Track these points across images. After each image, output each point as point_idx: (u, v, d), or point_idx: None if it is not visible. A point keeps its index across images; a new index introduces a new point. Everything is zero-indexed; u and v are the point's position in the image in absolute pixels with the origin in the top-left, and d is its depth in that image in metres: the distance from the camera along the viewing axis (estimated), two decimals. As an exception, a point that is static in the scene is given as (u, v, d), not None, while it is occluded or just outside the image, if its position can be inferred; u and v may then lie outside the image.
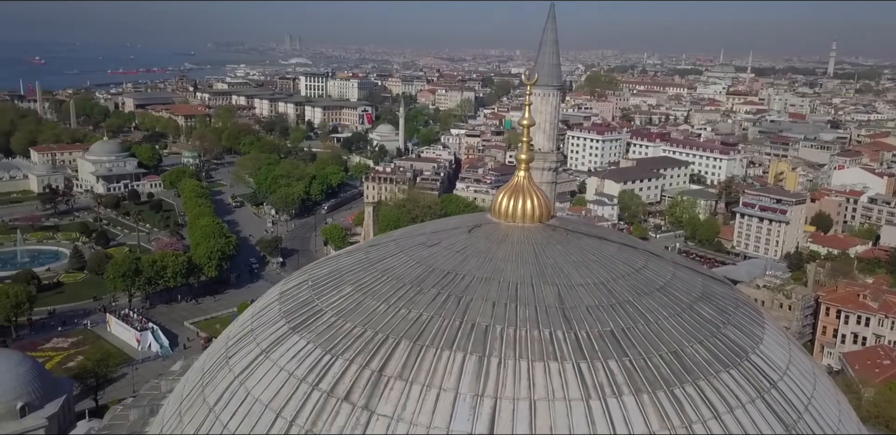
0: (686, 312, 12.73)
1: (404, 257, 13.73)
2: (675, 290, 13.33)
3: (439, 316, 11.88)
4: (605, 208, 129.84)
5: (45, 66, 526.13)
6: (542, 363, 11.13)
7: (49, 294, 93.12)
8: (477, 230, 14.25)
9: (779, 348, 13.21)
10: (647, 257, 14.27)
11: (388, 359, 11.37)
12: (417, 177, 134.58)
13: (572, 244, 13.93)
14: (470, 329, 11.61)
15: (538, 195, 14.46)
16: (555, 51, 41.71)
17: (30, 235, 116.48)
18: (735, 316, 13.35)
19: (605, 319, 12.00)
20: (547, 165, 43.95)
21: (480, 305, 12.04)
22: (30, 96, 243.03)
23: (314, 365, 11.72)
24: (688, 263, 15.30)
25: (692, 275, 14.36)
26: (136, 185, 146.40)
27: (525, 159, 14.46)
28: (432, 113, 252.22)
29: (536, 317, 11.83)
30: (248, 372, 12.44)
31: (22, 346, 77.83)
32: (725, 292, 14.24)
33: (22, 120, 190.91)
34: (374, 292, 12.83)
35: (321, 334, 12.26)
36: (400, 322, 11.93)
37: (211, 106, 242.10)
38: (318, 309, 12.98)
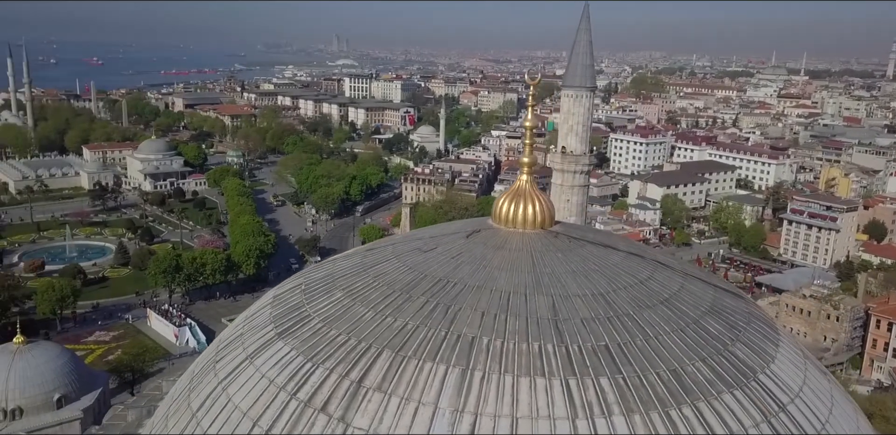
0: (690, 327, 11.97)
1: (398, 263, 13.28)
2: (681, 303, 12.57)
3: (425, 325, 11.39)
4: (646, 213, 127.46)
5: (103, 66, 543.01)
6: (528, 379, 10.54)
7: (94, 288, 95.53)
8: (475, 236, 13.72)
9: (792, 368, 12.33)
10: (654, 267, 13.53)
11: (368, 369, 10.93)
12: (456, 178, 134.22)
13: (573, 252, 13.27)
14: (455, 340, 11.09)
15: (540, 200, 13.85)
16: (588, 51, 40.86)
17: (79, 231, 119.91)
18: (746, 332, 12.51)
19: (600, 332, 11.34)
20: (579, 168, 43.16)
21: (469, 314, 11.51)
22: (85, 96, 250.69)
23: (294, 373, 11.35)
24: (701, 274, 14.47)
25: (703, 287, 13.55)
26: (182, 183, 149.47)
27: (527, 163, 13.86)
28: (474, 114, 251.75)
29: (526, 329, 11.24)
30: (231, 377, 12.15)
31: (66, 338, 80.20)
32: (738, 306, 13.39)
33: (76, 118, 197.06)
34: (362, 298, 12.41)
35: (305, 341, 11.90)
36: (384, 331, 11.48)
37: (257, 106, 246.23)
38: (306, 314, 12.63)
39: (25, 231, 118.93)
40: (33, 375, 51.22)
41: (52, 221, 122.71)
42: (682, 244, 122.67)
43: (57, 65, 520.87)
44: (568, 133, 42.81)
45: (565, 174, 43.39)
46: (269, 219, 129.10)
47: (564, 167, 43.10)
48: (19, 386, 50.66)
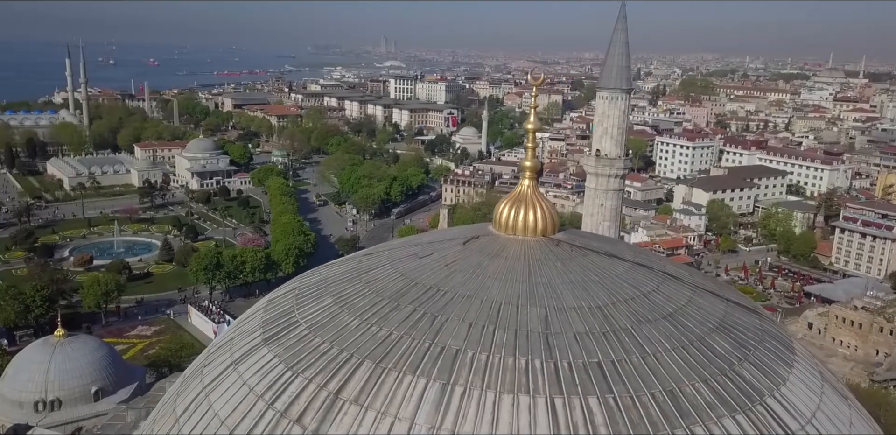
0: (694, 345, 11.21)
1: (391, 269, 12.85)
2: (687, 318, 11.81)
3: (409, 336, 10.92)
4: (691, 218, 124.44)
5: (158, 67, 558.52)
6: (512, 396, 9.97)
7: (139, 283, 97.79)
8: (473, 242, 13.19)
9: (806, 392, 11.44)
10: (661, 279, 12.78)
11: (347, 380, 10.52)
12: (496, 180, 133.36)
13: (574, 261, 12.63)
14: (439, 352, 10.59)
15: (543, 206, 13.24)
16: (624, 52, 39.84)
17: (127, 227, 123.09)
18: (756, 351, 11.68)
19: (594, 348, 10.68)
20: (614, 172, 42.16)
21: (455, 325, 10.99)
22: (139, 95, 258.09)
23: (274, 381, 11.02)
24: (713, 287, 13.63)
25: (713, 301, 12.74)
26: (227, 181, 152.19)
27: (529, 167, 13.27)
28: (518, 116, 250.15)
29: (514, 342, 10.67)
30: (215, 383, 11.90)
31: (110, 332, 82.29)
32: (751, 323, 12.54)
33: (129, 118, 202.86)
34: (350, 306, 12.01)
35: (289, 348, 11.56)
36: (367, 340, 11.05)
37: (303, 107, 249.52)
38: (294, 321, 12.30)
39: (77, 226, 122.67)
40: (72, 367, 52.61)
41: (102, 217, 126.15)
42: (728, 251, 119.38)
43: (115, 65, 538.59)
44: (602, 136, 41.84)
45: (599, 178, 42.42)
46: (310, 218, 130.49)
47: (598, 171, 42.14)
48: (59, 378, 52.10)
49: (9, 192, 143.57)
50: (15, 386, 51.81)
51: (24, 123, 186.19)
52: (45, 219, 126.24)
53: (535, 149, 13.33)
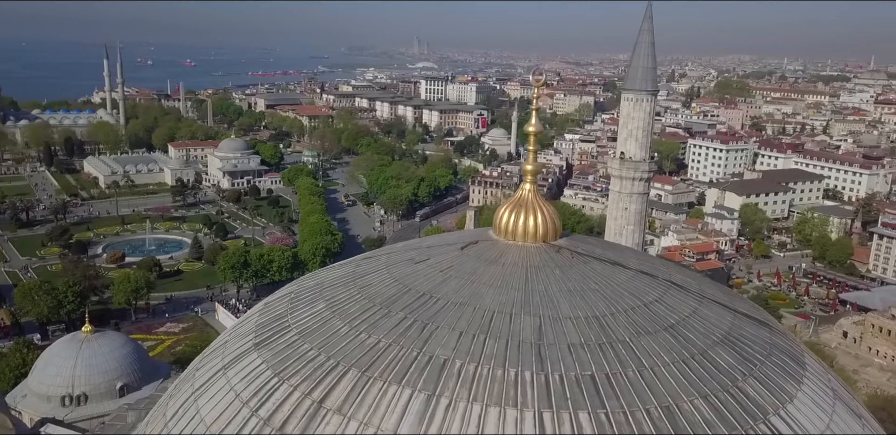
0: (695, 358, 10.72)
1: (386, 274, 12.56)
2: (690, 330, 11.30)
3: (397, 344, 10.62)
4: (723, 222, 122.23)
5: (195, 67, 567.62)
6: (499, 409, 9.60)
7: (168, 281, 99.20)
8: (471, 248, 12.84)
9: (815, 410, 10.86)
10: (665, 289, 12.28)
11: (331, 389, 10.25)
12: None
13: (574, 269, 12.20)
14: (426, 362, 10.26)
15: (544, 211, 12.83)
16: (650, 53, 39.04)
17: (159, 225, 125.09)
18: (763, 366, 11.13)
19: (587, 360, 10.26)
20: (639, 175, 41.38)
21: (445, 334, 10.66)
22: (175, 95, 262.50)
23: (260, 388, 10.81)
24: (723, 298, 13.07)
25: (720, 312, 12.20)
26: (258, 181, 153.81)
27: (531, 171, 12.87)
28: (549, 117, 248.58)
29: (505, 353, 10.30)
30: (204, 388, 11.74)
31: (139, 328, 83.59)
32: (759, 336, 11.97)
33: (164, 117, 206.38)
34: (342, 311, 11.76)
35: (277, 354, 11.34)
36: (355, 348, 10.78)
37: (334, 107, 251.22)
38: (286, 325, 12.09)
39: (111, 224, 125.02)
40: (98, 363, 53.32)
41: (135, 215, 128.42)
42: (762, 256, 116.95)
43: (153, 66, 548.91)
44: (627, 138, 41.09)
45: (623, 181, 41.67)
46: (339, 218, 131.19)
47: (623, 174, 41.39)
48: (85, 373, 52.87)
49: (47, 190, 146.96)
50: (43, 380, 52.73)
51: (63, 123, 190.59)
52: (81, 216, 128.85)
53: (536, 152, 12.93)
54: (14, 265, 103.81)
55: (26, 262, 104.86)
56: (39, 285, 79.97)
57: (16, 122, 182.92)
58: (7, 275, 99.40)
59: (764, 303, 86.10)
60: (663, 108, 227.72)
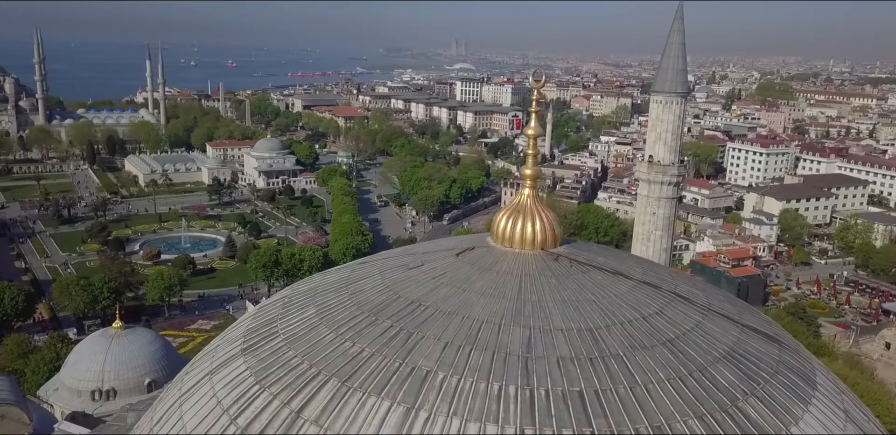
0: (693, 375, 10.16)
1: (378, 280, 12.25)
2: (690, 345, 10.74)
3: (380, 354, 10.29)
4: (762, 228, 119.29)
5: (236, 68, 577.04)
6: (479, 425, 9.20)
7: (202, 278, 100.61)
8: (466, 254, 12.45)
9: (822, 433, 10.19)
10: (667, 301, 11.72)
11: (310, 399, 9.97)
12: (557, 184, 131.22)
13: (571, 278, 11.71)
14: (408, 373, 9.91)
15: (543, 218, 12.38)
16: (680, 54, 38.13)
17: (195, 223, 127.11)
18: (767, 386, 10.50)
19: (576, 375, 9.79)
20: (667, 179, 40.48)
21: (430, 345, 10.29)
22: (214, 95, 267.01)
23: (241, 395, 10.58)
24: (732, 310, 12.43)
25: (725, 327, 11.59)
26: (293, 181, 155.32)
27: (530, 175, 12.43)
28: (585, 119, 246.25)
29: (490, 366, 9.88)
30: (190, 393, 11.58)
31: (172, 325, 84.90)
32: (766, 353, 11.33)
33: (204, 117, 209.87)
34: (329, 318, 11.48)
35: (262, 361, 11.11)
36: (338, 356, 10.48)
37: (370, 108, 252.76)
38: (274, 331, 11.86)
39: (148, 221, 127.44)
40: (127, 358, 54.18)
41: (172, 213, 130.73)
42: (801, 263, 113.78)
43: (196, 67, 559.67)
44: (656, 141, 40.22)
45: (652, 185, 40.81)
46: (371, 219, 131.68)
47: (651, 177, 40.54)
48: (114, 368, 53.76)
49: (89, 188, 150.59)
50: (74, 374, 53.78)
51: (106, 122, 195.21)
52: (120, 214, 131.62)
53: (536, 156, 12.48)
54: (55, 261, 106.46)
55: (66, 257, 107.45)
56: (76, 281, 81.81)
57: (61, 121, 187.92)
58: (48, 270, 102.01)
59: (802, 311, 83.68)
60: (702, 111, 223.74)
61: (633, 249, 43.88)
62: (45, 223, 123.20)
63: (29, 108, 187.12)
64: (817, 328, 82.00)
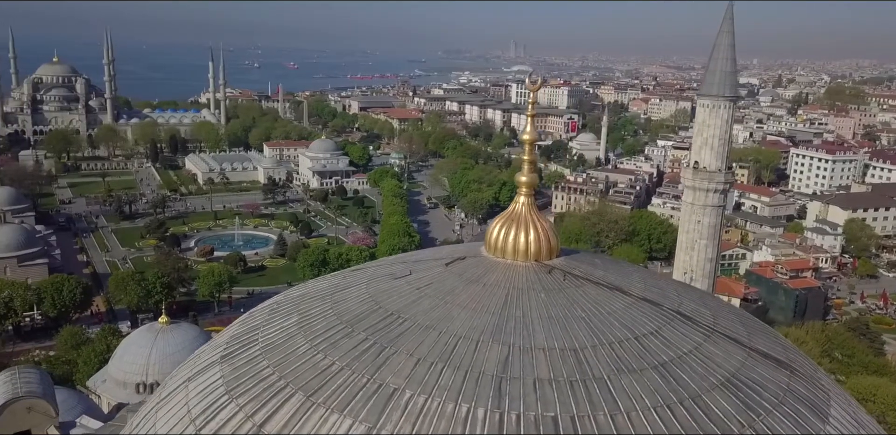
0: (684, 403, 9.32)
1: (363, 289, 11.79)
2: (684, 369, 9.89)
3: (350, 368, 9.81)
4: (825, 238, 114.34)
5: (298, 70, 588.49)
6: (442, 449, 8.62)
7: (252, 276, 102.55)
8: (456, 264, 11.87)
9: (828, 474, 9.23)
10: (667, 320, 10.88)
11: (274, 412, 9.56)
12: (610, 189, 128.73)
13: (562, 293, 11.00)
14: (374, 390, 9.40)
15: (539, 227, 11.69)
16: (730, 56, 36.56)
17: (249, 221, 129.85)
18: (769, 417, 9.57)
19: (553, 399, 9.09)
20: (713, 186, 38.93)
21: (401, 361, 9.75)
22: (274, 97, 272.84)
23: (210, 405, 10.27)
24: (742, 332, 11.47)
25: (729, 350, 10.67)
26: (345, 181, 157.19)
27: (526, 182, 11.77)
28: (643, 123, 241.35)
29: (461, 386, 9.28)
30: (166, 399, 11.35)
31: (220, 321, 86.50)
32: (773, 380, 10.37)
33: (262, 117, 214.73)
34: (308, 328, 11.07)
35: (236, 370, 10.78)
36: (308, 369, 10.05)
37: (424, 110, 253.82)
38: (254, 339, 11.53)
39: (204, 219, 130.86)
40: (171, 353, 55.33)
41: (227, 211, 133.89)
42: (867, 276, 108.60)
43: (259, 68, 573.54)
44: (702, 147, 38.69)
45: (697, 192, 39.28)
46: (420, 220, 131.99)
47: (696, 184, 39.01)
48: (158, 362, 55.05)
49: (150, 185, 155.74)
50: (121, 367, 55.34)
51: (169, 121, 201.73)
52: (178, 211, 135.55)
53: (533, 162, 11.82)
54: (114, 255, 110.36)
55: (125, 252, 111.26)
56: (131, 275, 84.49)
57: (128, 121, 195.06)
58: (107, 264, 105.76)
59: (865, 327, 79.74)
60: (766, 115, 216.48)
61: (676, 258, 42.39)
62: (107, 218, 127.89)
63: (98, 107, 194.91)
64: (881, 345, 78.00)
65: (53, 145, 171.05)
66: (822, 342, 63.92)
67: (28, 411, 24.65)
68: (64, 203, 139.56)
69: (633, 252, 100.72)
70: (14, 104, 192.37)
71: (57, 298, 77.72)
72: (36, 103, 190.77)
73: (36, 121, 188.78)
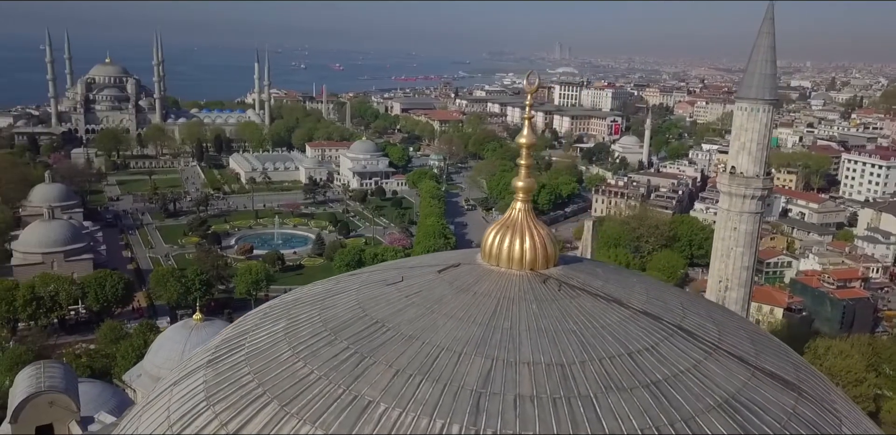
0: (675, 426, 8.76)
1: (353, 295, 11.50)
2: (678, 389, 9.31)
3: (327, 378, 9.52)
4: (877, 247, 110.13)
5: (343, 71, 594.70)
6: (411, 466, 8.25)
7: (290, 275, 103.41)
8: (449, 271, 11.47)
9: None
10: (665, 336, 10.29)
11: (248, 421, 9.33)
12: (652, 193, 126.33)
13: (555, 304, 10.51)
14: (348, 402, 9.08)
15: (535, 235, 11.22)
16: (770, 58, 35.29)
17: (289, 220, 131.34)
18: (768, 443, 8.94)
19: (533, 417, 8.63)
20: (750, 192, 37.67)
21: (379, 372, 9.41)
22: (318, 97, 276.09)
23: (188, 411, 10.10)
24: (750, 349, 10.79)
25: (732, 369, 10.03)
26: (385, 182, 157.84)
27: (523, 187, 11.31)
28: (688, 126, 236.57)
29: (438, 400, 8.89)
30: (152, 402, 11.25)
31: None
32: (777, 403, 9.69)
33: (306, 118, 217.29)
34: (293, 334, 10.83)
35: (219, 375, 10.60)
36: (286, 377, 9.80)
37: (465, 112, 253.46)
38: (242, 344, 11.34)
39: (246, 217, 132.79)
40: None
41: (268, 210, 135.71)
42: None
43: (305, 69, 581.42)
44: (739, 151, 37.48)
45: (733, 198, 38.08)
46: (458, 222, 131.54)
47: (732, 190, 37.81)
48: (191, 358, 56.32)
49: (195, 183, 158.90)
50: (155, 362, 56.31)
51: (215, 121, 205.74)
52: (221, 209, 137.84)
53: (529, 167, 11.34)
54: (158, 252, 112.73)
55: (168, 249, 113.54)
56: (171, 272, 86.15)
57: (175, 120, 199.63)
58: (150, 260, 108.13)
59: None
60: (817, 119, 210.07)
61: (711, 266, 41.18)
62: (152, 216, 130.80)
63: (147, 107, 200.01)
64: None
65: (104, 144, 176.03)
66: (869, 356, 61.33)
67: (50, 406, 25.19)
68: (112, 200, 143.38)
69: (673, 258, 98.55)
70: (68, 103, 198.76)
71: (100, 293, 79.74)
72: (89, 103, 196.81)
73: (88, 120, 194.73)
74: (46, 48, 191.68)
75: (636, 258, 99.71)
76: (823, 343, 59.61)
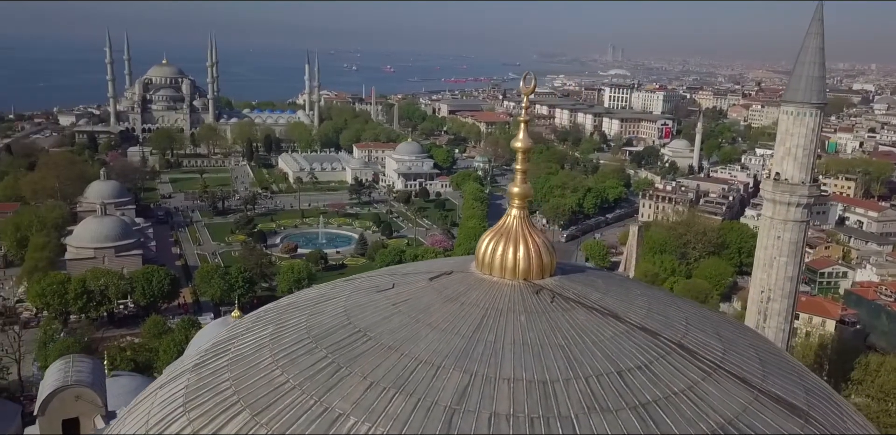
0: (660, 453, 8.17)
1: (342, 302, 11.20)
2: (670, 412, 8.70)
3: (301, 388, 9.23)
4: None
5: (394, 73, 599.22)
6: (374, 484, 7.88)
7: (332, 274, 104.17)
8: (441, 279, 11.07)
9: None
10: (661, 353, 9.66)
11: (219, 429, 9.11)
12: (700, 198, 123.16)
13: (545, 317, 9.99)
14: (319, 414, 8.77)
15: (530, 243, 10.73)
16: (818, 61, 33.75)
17: (333, 220, 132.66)
18: (765, 474, 8.26)
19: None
20: (795, 200, 36.13)
21: (353, 384, 9.07)
22: (368, 99, 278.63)
23: (167, 415, 9.96)
24: (757, 370, 10.07)
25: (733, 392, 9.34)
26: (429, 183, 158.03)
27: (518, 194, 10.82)
28: (742, 130, 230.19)
29: (410, 416, 8.50)
30: (138, 403, 11.18)
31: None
32: (781, 429, 8.97)
33: (354, 119, 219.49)
34: (277, 340, 10.59)
35: (200, 380, 10.44)
36: (262, 386, 9.55)
37: (512, 114, 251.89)
38: (228, 348, 11.17)
39: (292, 217, 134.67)
40: (240, 347, 57.41)
41: (313, 210, 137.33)
42: None
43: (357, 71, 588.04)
44: (784, 157, 35.97)
45: (777, 205, 36.58)
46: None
47: (776, 197, 36.32)
48: (228, 355, 57.16)
49: (244, 182, 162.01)
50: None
51: (266, 121, 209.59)
52: (268, 208, 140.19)
53: (525, 172, 10.86)
54: (205, 249, 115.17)
55: (215, 246, 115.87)
56: (215, 269, 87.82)
57: (227, 120, 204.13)
58: (198, 257, 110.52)
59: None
60: (880, 124, 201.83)
61: (752, 276, 39.69)
62: (202, 213, 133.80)
63: (201, 107, 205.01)
64: None
65: (159, 142, 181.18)
66: (926, 373, 58.33)
67: (76, 400, 25.80)
68: (164, 197, 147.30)
69: (721, 265, 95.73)
70: (126, 103, 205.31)
71: (146, 288, 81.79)
72: (145, 103, 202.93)
73: (145, 119, 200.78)
74: (106, 50, 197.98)
75: (682, 265, 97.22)
76: (876, 359, 56.93)
